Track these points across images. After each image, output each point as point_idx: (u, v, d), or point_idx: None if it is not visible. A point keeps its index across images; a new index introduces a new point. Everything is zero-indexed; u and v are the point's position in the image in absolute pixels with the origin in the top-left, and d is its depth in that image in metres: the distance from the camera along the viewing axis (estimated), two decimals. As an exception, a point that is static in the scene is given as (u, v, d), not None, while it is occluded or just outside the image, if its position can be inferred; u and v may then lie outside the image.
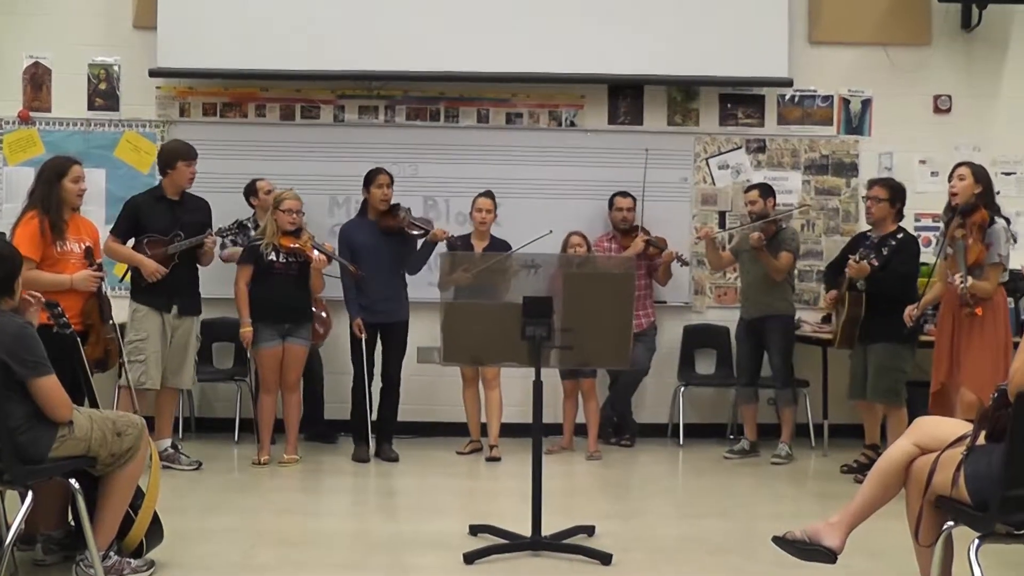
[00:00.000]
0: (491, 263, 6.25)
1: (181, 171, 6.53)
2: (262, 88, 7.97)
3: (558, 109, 8.06)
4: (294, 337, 6.79)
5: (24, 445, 4.05)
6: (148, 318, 6.44)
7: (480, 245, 7.24)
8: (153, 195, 6.61)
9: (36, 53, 7.99)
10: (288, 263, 6.75)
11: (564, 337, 4.85)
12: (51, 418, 4.11)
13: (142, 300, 6.46)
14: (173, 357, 6.54)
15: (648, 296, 7.70)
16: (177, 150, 6.60)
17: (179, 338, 6.56)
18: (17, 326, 4.07)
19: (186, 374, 6.66)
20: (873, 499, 3.96)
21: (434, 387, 7.78)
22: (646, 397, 7.96)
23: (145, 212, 6.52)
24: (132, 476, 4.36)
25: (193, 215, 6.61)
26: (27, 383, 4.04)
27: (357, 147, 7.90)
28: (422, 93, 8.02)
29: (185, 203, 6.61)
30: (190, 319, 6.62)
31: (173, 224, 6.51)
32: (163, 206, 6.55)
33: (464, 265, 6.35)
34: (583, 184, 7.92)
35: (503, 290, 5.18)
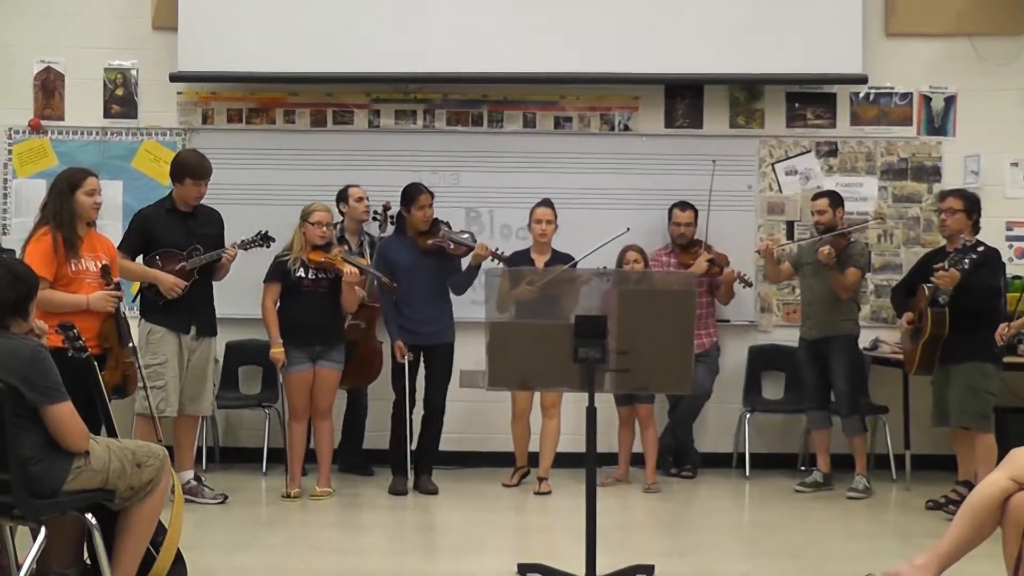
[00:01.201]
0: (558, 274, 6.20)
1: (188, 188, 6.55)
2: (291, 92, 8.01)
3: (610, 112, 8.03)
4: (325, 360, 6.79)
5: (37, 477, 4.06)
6: (165, 340, 6.45)
7: (541, 259, 7.19)
8: (163, 207, 6.63)
9: (48, 57, 8.09)
10: (318, 279, 6.76)
11: (620, 359, 4.79)
12: (66, 448, 4.12)
13: (158, 321, 6.47)
14: (192, 382, 6.56)
15: (710, 315, 7.64)
16: (188, 165, 6.59)
17: (197, 361, 6.58)
18: (30, 349, 4.09)
19: (206, 399, 6.68)
20: (965, 539, 3.87)
21: (477, 414, 7.76)
22: (708, 424, 7.90)
23: (156, 225, 6.54)
24: (153, 510, 4.36)
25: (207, 227, 6.64)
26: (40, 410, 4.06)
27: (393, 155, 7.92)
28: (463, 96, 8.02)
29: (198, 215, 6.63)
30: (208, 340, 6.65)
31: (187, 237, 6.53)
32: (175, 219, 6.57)
33: (528, 278, 6.30)
34: (638, 193, 7.89)
35: (570, 304, 5.13)
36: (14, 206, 8.02)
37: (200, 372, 6.60)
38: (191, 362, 6.54)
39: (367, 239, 7.58)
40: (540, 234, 7.22)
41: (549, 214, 7.24)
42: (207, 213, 6.72)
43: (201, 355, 6.59)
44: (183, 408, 6.51)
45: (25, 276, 4.26)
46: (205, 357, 6.62)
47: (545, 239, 7.23)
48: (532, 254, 7.26)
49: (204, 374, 6.62)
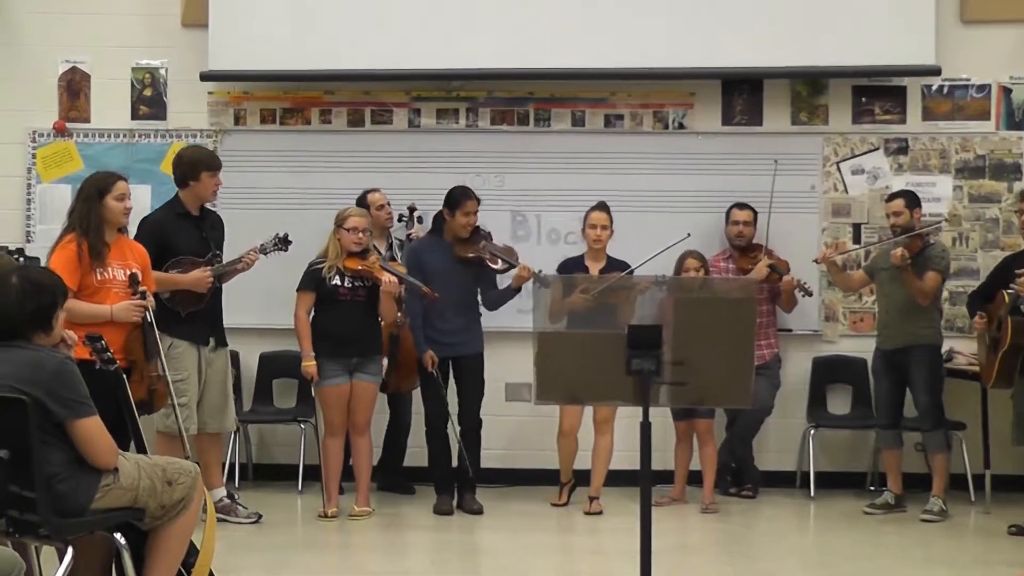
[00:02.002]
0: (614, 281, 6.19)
1: (205, 183, 6.54)
2: (327, 91, 8.06)
3: (664, 109, 8.02)
4: (363, 373, 6.82)
5: (63, 495, 4.10)
6: (187, 354, 6.42)
7: (596, 266, 7.18)
8: (174, 211, 6.61)
9: (73, 57, 8.19)
10: (354, 288, 6.79)
11: (675, 371, 4.76)
12: (94, 465, 4.16)
13: (178, 333, 6.41)
14: (213, 396, 6.57)
15: (771, 324, 7.60)
16: (200, 158, 6.61)
17: (216, 374, 6.59)
18: (56, 362, 4.13)
19: (229, 415, 6.70)
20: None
21: (523, 429, 7.76)
22: (770, 440, 7.85)
23: (170, 232, 6.49)
24: (184, 530, 4.39)
25: (215, 231, 6.68)
26: (67, 425, 4.10)
27: (435, 156, 7.95)
28: (508, 93, 8.04)
29: (205, 219, 6.65)
30: (224, 351, 6.69)
31: (202, 244, 6.54)
32: (188, 224, 6.56)
33: (582, 286, 6.28)
34: (693, 196, 7.86)
35: (627, 313, 5.12)
36: (38, 212, 8.12)
37: (221, 385, 6.61)
38: (209, 375, 6.55)
39: (395, 242, 7.59)
40: (595, 240, 7.20)
41: (605, 219, 7.23)
42: (211, 216, 6.75)
43: (219, 367, 6.61)
44: (204, 426, 6.50)
45: (50, 285, 4.27)
46: (223, 369, 6.64)
47: (600, 245, 7.21)
48: (586, 261, 7.25)
49: (225, 387, 6.65)
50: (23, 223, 8.11)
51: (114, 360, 4.74)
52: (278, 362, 7.80)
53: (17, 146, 8.14)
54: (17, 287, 4.15)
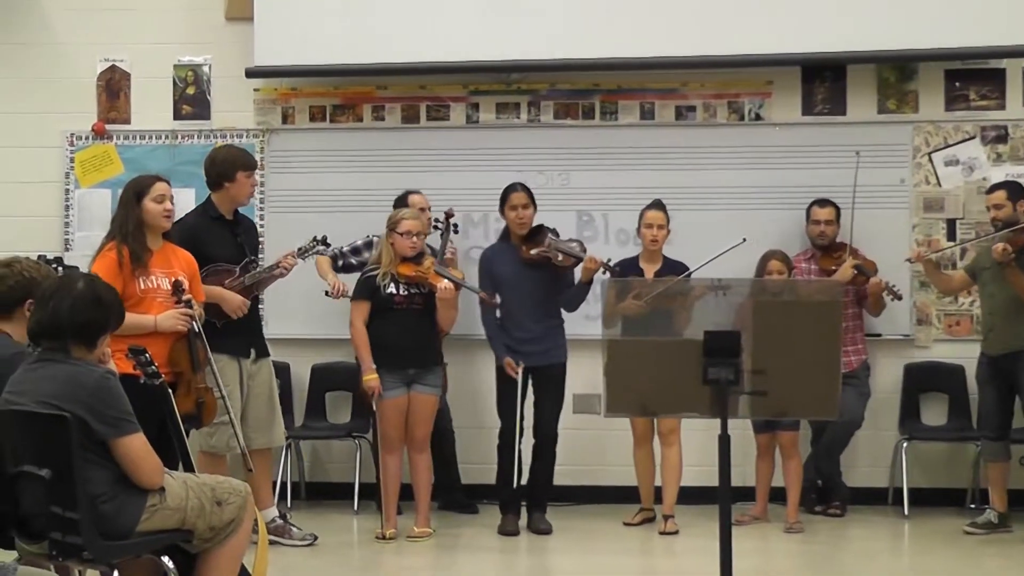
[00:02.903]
0: (668, 286, 6.18)
1: (242, 184, 6.56)
2: (379, 86, 8.11)
3: (739, 99, 7.99)
4: (422, 384, 6.85)
5: (108, 516, 4.15)
6: (227, 369, 6.43)
7: (651, 268, 7.19)
8: (207, 215, 6.63)
9: (112, 55, 8.31)
10: (410, 295, 6.82)
11: (755, 380, 4.74)
12: (139, 484, 4.21)
13: (217, 347, 6.31)
14: (259, 410, 6.59)
15: (858, 328, 7.54)
16: (235, 158, 6.63)
17: (259, 387, 6.62)
18: (97, 377, 4.18)
19: (277, 429, 6.72)
20: None
21: (596, 443, 7.77)
22: (859, 454, 7.79)
23: (204, 237, 6.49)
24: (235, 553, 4.43)
25: (249, 236, 6.72)
26: (110, 443, 4.15)
27: (495, 154, 7.97)
28: (572, 85, 8.04)
29: (238, 223, 6.68)
30: (267, 362, 6.71)
31: (237, 249, 6.57)
32: (222, 228, 6.59)
33: (635, 291, 6.28)
34: (772, 191, 7.83)
35: (683, 321, 5.10)
36: (77, 219, 8.23)
37: (266, 399, 6.64)
38: (251, 389, 6.57)
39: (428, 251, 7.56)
40: (651, 240, 7.21)
41: (661, 218, 7.22)
42: (244, 220, 6.78)
43: (262, 379, 6.63)
44: (251, 442, 6.47)
45: (108, 304, 4.31)
46: (267, 381, 6.66)
47: (656, 246, 7.21)
48: (641, 263, 7.26)
49: (271, 400, 6.67)
50: (61, 231, 8.23)
51: (159, 374, 4.79)
52: (331, 374, 7.85)
53: (54, 150, 8.27)
54: (79, 294, 4.23)
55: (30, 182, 8.24)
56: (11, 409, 4.19)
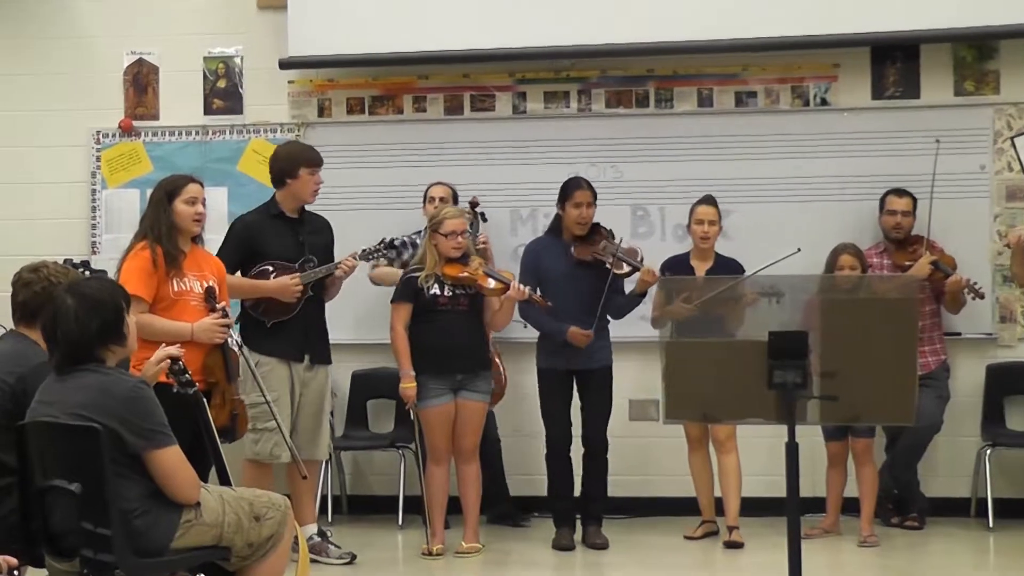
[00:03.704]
0: (718, 290, 6.16)
1: (304, 181, 6.63)
2: (421, 75, 8.15)
3: (804, 84, 7.97)
4: (469, 391, 6.87)
5: (141, 532, 4.20)
6: (276, 373, 6.52)
7: (703, 267, 7.20)
8: (268, 213, 6.73)
9: (139, 48, 8.39)
10: (455, 296, 6.84)
11: (825, 384, 4.73)
12: (174, 499, 4.26)
13: (267, 349, 6.51)
14: (306, 420, 6.64)
15: (935, 327, 7.49)
16: (298, 154, 6.71)
17: (311, 395, 6.66)
18: (128, 387, 4.23)
19: (323, 441, 6.77)
20: None
21: (649, 452, 7.77)
22: (938, 462, 7.75)
23: (259, 235, 6.61)
24: (274, 570, 4.46)
25: (316, 236, 6.74)
26: (143, 456, 4.20)
27: (544, 145, 8.00)
28: (625, 72, 8.04)
29: (305, 222, 6.74)
30: (323, 370, 6.75)
31: (296, 248, 6.63)
32: (282, 226, 6.66)
33: (684, 293, 6.28)
34: (840, 182, 7.81)
35: (734, 326, 5.10)
36: (104, 220, 8.32)
37: (316, 409, 6.68)
38: (303, 397, 6.63)
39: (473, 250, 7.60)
40: (701, 237, 7.21)
41: (712, 213, 7.22)
42: (315, 220, 6.82)
43: (316, 388, 6.68)
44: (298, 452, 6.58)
45: (107, 299, 4.35)
46: (320, 390, 6.70)
47: (707, 243, 7.21)
48: (692, 260, 7.25)
49: (319, 411, 6.70)
50: (88, 233, 8.33)
51: (193, 383, 4.83)
52: (373, 381, 7.88)
53: (80, 148, 8.37)
54: (74, 308, 4.25)
55: (55, 182, 8.34)
56: (40, 420, 4.25)
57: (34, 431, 4.28)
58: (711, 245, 7.25)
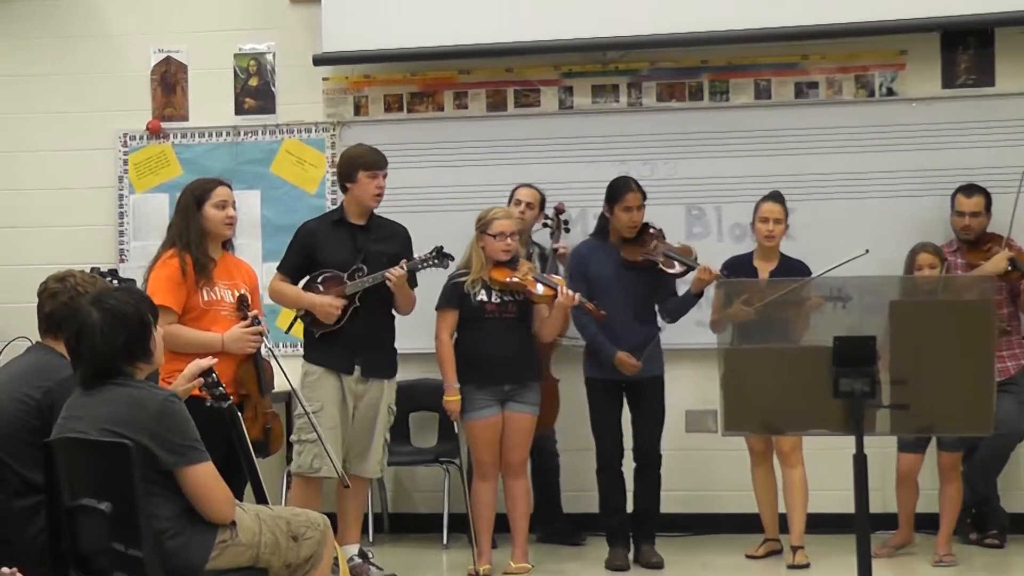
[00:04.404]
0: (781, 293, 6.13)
1: (363, 185, 6.65)
2: (462, 70, 8.17)
3: (868, 73, 7.93)
4: (518, 402, 6.86)
5: (174, 553, 4.21)
6: (323, 383, 6.56)
7: (766, 267, 7.17)
8: (331, 219, 6.81)
9: (166, 46, 8.45)
10: (503, 303, 6.84)
11: (895, 392, 4.71)
12: (208, 518, 4.27)
13: (316, 359, 6.60)
14: (356, 435, 6.66)
15: (1015, 330, 7.42)
16: (357, 157, 6.73)
17: (364, 409, 6.67)
18: (159, 400, 4.25)
19: (373, 458, 6.76)
20: None
21: (707, 465, 7.76)
22: (1021, 474, 7.70)
23: (320, 241, 6.67)
24: (313, 594, 4.49)
25: (382, 244, 6.74)
26: (176, 473, 4.21)
27: (592, 142, 8.00)
28: (676, 63, 8.04)
29: (372, 229, 6.76)
30: (379, 384, 6.74)
31: (352, 255, 6.66)
32: (343, 233, 6.70)
33: (744, 295, 6.26)
34: (908, 177, 7.77)
35: (798, 331, 5.08)
36: (132, 227, 8.38)
37: (368, 424, 6.67)
38: (357, 410, 6.64)
39: (536, 251, 7.61)
40: (766, 236, 7.18)
41: (778, 211, 7.18)
42: (386, 226, 6.81)
43: (369, 402, 6.67)
44: (347, 467, 6.58)
45: (132, 312, 4.35)
46: (374, 405, 6.68)
47: (772, 242, 7.17)
48: (755, 261, 7.22)
49: (372, 427, 6.69)
50: (115, 240, 8.40)
51: (227, 396, 4.86)
52: (415, 393, 7.88)
53: (106, 152, 8.45)
54: (99, 322, 4.26)
55: (81, 188, 8.42)
56: (68, 437, 4.28)
57: (62, 448, 4.31)
58: (776, 244, 7.21)
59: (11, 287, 8.07)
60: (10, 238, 8.48)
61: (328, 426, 6.44)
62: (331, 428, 6.47)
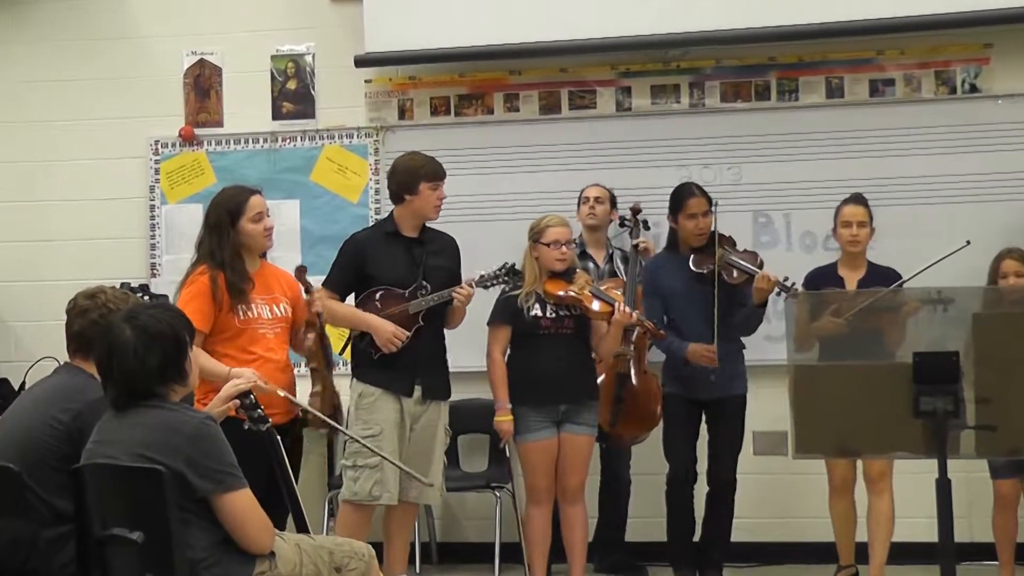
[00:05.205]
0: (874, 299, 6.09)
1: (426, 196, 6.61)
2: (512, 70, 8.18)
3: (949, 68, 7.89)
4: (574, 423, 6.83)
5: (211, 586, 4.24)
6: (381, 404, 6.52)
7: (853, 276, 7.07)
8: (383, 231, 6.75)
9: (200, 48, 8.50)
10: (558, 318, 6.82)
11: (981, 412, 4.67)
12: (246, 548, 4.29)
13: (372, 379, 6.53)
14: (415, 459, 6.60)
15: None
16: (418, 167, 6.67)
17: (422, 432, 6.64)
18: (195, 424, 4.26)
19: (433, 483, 6.75)
20: None
21: (780, 491, 7.74)
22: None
23: (373, 255, 6.61)
24: (357, 628, 4.50)
25: (438, 258, 6.72)
26: (212, 501, 4.23)
27: (652, 146, 7.99)
28: (741, 61, 8.02)
29: (426, 242, 6.75)
30: (436, 405, 6.72)
31: (412, 270, 6.65)
32: (398, 246, 6.66)
33: (832, 305, 6.21)
34: (995, 179, 7.73)
35: (894, 340, 5.04)
36: (164, 239, 8.42)
37: (426, 447, 6.64)
38: (414, 433, 6.61)
39: (617, 253, 7.60)
40: (850, 241, 7.10)
41: (861, 214, 7.12)
42: (439, 239, 6.79)
43: (427, 424, 6.64)
44: (404, 494, 6.57)
45: (168, 331, 4.36)
46: (432, 427, 6.66)
47: (857, 248, 7.10)
48: (840, 270, 7.15)
49: (430, 449, 6.66)
50: (147, 253, 8.45)
51: (266, 418, 4.86)
52: (465, 414, 7.85)
53: (137, 160, 8.49)
54: (133, 341, 4.28)
55: (110, 198, 8.47)
56: (98, 463, 4.30)
57: (92, 474, 4.33)
58: (861, 250, 7.12)
59: (37, 305, 8.15)
60: (35, 253, 8.54)
61: (388, 451, 6.39)
62: (391, 453, 6.41)
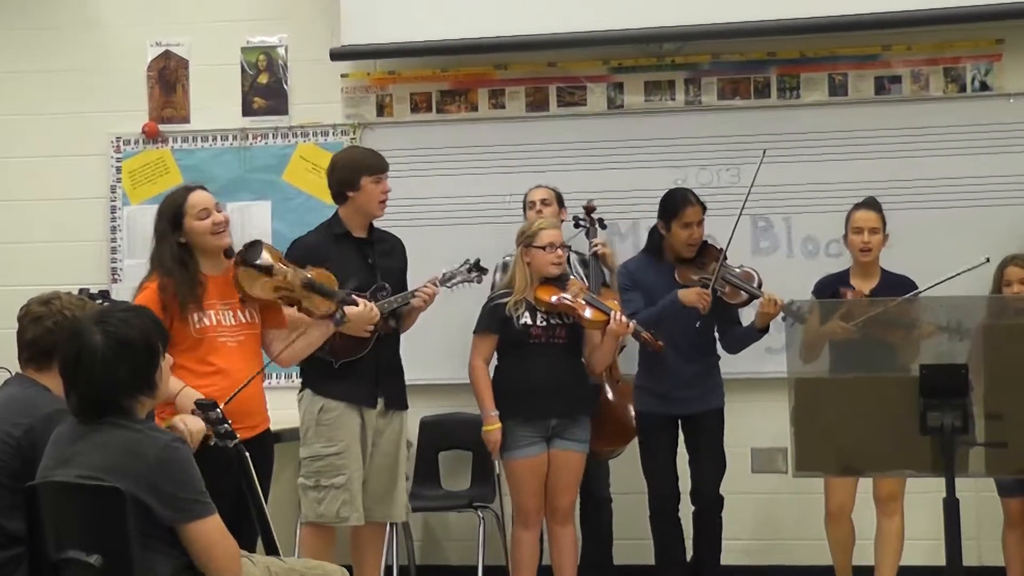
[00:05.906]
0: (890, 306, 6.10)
1: (368, 192, 6.53)
2: (498, 64, 8.18)
3: (959, 65, 7.92)
4: (566, 439, 6.81)
5: (174, 613, 4.22)
6: (344, 420, 6.47)
7: (865, 285, 7.06)
8: (330, 232, 6.66)
9: (166, 39, 8.49)
10: (550, 326, 6.81)
11: (991, 428, 4.68)
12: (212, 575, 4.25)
13: (334, 393, 6.46)
14: (379, 475, 6.59)
15: None
16: (357, 161, 6.60)
17: (386, 446, 6.60)
18: (159, 447, 4.20)
19: (399, 500, 6.72)
20: None
21: (778, 510, 7.76)
22: None
23: (322, 259, 6.49)
24: (329, 656, 4.50)
25: (388, 259, 6.69)
26: (178, 530, 4.19)
27: (644, 146, 8.00)
28: (741, 56, 8.04)
29: (375, 242, 6.71)
30: (399, 416, 6.69)
31: (367, 273, 6.59)
32: (348, 247, 6.61)
33: (844, 310, 6.21)
34: (1008, 182, 7.75)
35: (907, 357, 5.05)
36: (127, 243, 8.40)
37: (391, 461, 6.60)
38: (376, 448, 6.58)
39: (575, 256, 7.54)
40: (861, 248, 7.11)
41: (874, 219, 7.12)
42: (387, 239, 6.76)
43: (390, 437, 6.61)
44: (370, 513, 6.56)
45: (139, 339, 4.29)
46: (395, 440, 6.63)
47: (869, 256, 7.10)
48: (851, 278, 7.15)
49: (395, 463, 6.63)
50: (107, 257, 8.45)
51: (233, 433, 4.85)
52: (445, 429, 7.88)
53: (97, 158, 8.48)
54: (102, 347, 4.21)
55: (68, 198, 8.46)
56: (53, 481, 4.26)
57: (46, 493, 4.30)
58: (874, 258, 7.11)
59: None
60: (-15, 256, 8.52)
61: (352, 469, 6.38)
62: (356, 471, 6.40)
